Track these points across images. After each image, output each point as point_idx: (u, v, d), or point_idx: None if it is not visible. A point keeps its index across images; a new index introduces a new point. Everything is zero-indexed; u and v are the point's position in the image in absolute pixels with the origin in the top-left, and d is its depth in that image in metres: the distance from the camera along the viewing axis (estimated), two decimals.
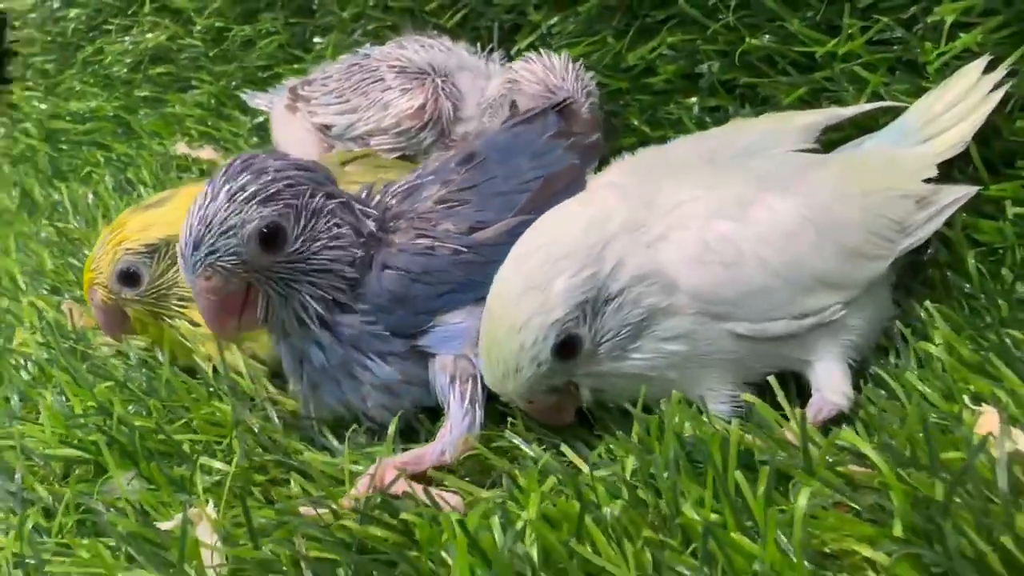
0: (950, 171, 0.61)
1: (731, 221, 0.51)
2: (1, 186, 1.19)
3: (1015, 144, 0.59)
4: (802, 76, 0.67)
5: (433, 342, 0.55)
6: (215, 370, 0.64)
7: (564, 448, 0.51)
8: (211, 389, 0.62)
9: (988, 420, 0.46)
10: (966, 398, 0.48)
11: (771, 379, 0.49)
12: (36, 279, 0.89)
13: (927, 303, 0.55)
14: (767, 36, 0.67)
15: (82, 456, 0.58)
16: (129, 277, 0.63)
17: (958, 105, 0.58)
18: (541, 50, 0.71)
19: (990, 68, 0.59)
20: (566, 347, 0.50)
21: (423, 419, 0.57)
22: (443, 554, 0.43)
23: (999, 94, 0.58)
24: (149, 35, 1.18)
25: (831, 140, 0.66)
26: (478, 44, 0.80)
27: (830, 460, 0.43)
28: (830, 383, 0.51)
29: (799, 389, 0.53)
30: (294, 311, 0.53)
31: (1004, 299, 0.55)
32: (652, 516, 0.44)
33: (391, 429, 0.54)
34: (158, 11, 1.18)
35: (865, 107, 0.63)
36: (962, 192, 0.57)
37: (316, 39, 1.01)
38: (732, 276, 0.50)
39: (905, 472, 0.42)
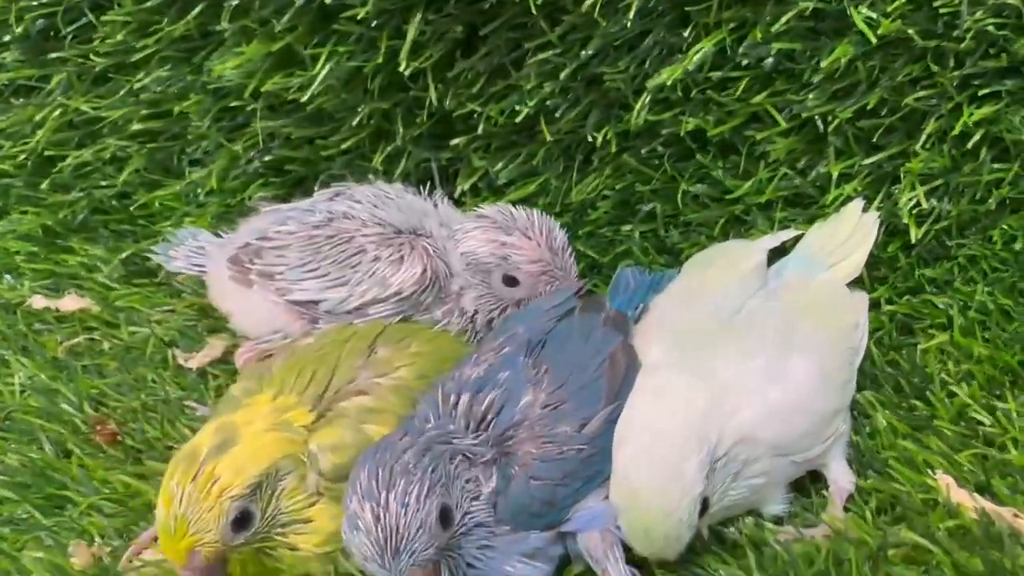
0: None
1: (778, 387, 0.69)
2: None
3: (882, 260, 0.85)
4: (722, 208, 0.86)
5: (577, 525, 0.66)
6: None
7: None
8: None
9: (948, 485, 0.71)
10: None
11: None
12: None
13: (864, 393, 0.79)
14: (698, 184, 0.85)
15: None
16: (243, 521, 0.64)
17: (851, 237, 0.82)
18: (533, 222, 0.78)
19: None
20: (703, 507, 0.65)
21: None
22: None
23: (877, 227, 0.82)
24: None
25: None
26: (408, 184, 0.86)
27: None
28: (841, 475, 0.73)
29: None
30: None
31: (905, 378, 0.80)
32: None
33: None
34: None
35: (780, 236, 0.83)
36: (864, 300, 0.81)
37: (190, 169, 0.95)
38: (791, 426, 0.69)
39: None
